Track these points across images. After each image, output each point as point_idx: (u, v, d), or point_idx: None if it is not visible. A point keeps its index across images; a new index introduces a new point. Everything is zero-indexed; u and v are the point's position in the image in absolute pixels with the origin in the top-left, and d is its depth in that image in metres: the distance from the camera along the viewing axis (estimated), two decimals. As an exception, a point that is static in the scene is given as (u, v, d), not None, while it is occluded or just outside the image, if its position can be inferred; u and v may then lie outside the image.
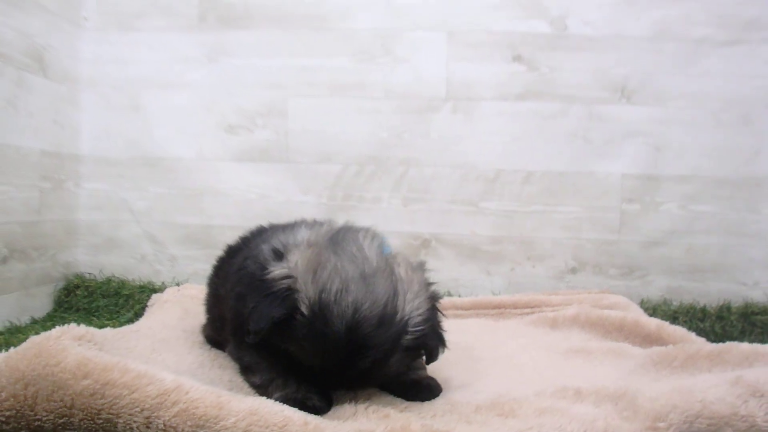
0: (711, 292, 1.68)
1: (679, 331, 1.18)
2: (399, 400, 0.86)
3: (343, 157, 1.75)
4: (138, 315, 1.54)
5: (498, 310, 1.54)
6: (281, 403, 0.72)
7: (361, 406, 0.79)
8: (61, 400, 0.70)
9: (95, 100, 1.78)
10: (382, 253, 0.83)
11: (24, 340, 0.74)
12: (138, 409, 0.68)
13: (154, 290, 1.66)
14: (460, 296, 1.69)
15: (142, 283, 1.74)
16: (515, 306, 1.54)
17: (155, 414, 0.67)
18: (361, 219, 1.69)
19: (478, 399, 0.83)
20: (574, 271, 1.73)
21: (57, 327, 0.80)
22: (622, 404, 0.76)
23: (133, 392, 0.69)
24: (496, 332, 1.38)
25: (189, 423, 0.66)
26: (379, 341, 0.74)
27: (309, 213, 1.69)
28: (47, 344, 0.75)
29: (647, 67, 1.68)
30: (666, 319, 1.37)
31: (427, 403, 0.85)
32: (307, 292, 0.75)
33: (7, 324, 1.47)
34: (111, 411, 0.68)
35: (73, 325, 0.83)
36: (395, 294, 0.77)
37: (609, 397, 0.80)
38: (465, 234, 1.74)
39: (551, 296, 1.57)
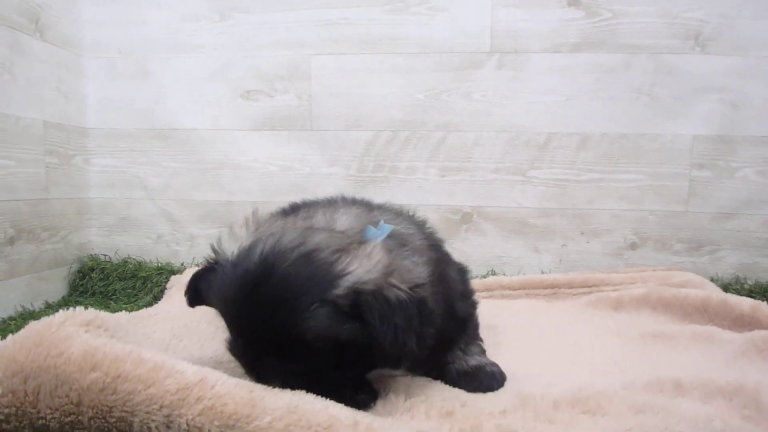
0: (789, 269, 1.53)
1: (780, 312, 1.05)
2: (457, 390, 0.79)
3: (374, 122, 1.63)
4: (157, 298, 1.50)
5: (551, 290, 1.44)
6: (324, 398, 0.63)
7: (416, 400, 0.72)
8: (66, 396, 0.62)
9: (100, 66, 1.69)
10: (366, 225, 0.73)
11: (36, 326, 0.66)
12: (156, 407, 0.60)
13: (173, 272, 1.61)
14: (505, 275, 1.55)
15: (159, 265, 1.67)
16: (570, 285, 1.43)
17: (176, 412, 0.60)
18: (394, 191, 1.63)
19: (553, 393, 0.75)
20: (634, 246, 1.58)
21: (61, 311, 0.72)
22: (740, 401, 0.68)
23: (149, 387, 0.61)
24: (551, 315, 1.28)
25: (216, 423, 0.59)
26: (293, 272, 0.62)
27: (336, 186, 1.63)
28: (48, 332, 0.67)
29: (726, 10, 1.49)
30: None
31: (491, 395, 0.77)
32: (239, 243, 0.68)
33: (20, 309, 1.41)
34: (125, 408, 0.61)
35: (80, 309, 0.75)
36: (342, 249, 0.65)
37: (719, 391, 0.72)
38: (511, 206, 1.61)
39: (611, 274, 1.46)
